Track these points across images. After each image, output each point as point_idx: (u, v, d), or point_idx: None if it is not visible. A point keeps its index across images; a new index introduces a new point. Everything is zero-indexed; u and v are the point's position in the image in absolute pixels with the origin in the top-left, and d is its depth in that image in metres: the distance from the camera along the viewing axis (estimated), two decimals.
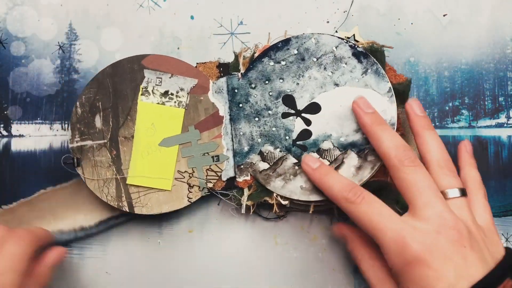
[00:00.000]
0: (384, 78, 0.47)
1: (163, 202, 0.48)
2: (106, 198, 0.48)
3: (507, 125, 0.52)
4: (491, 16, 0.52)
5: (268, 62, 0.48)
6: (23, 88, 0.52)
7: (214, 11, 0.52)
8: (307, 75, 0.48)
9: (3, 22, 0.52)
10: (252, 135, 0.48)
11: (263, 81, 0.48)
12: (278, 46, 0.48)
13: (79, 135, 0.48)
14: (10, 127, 0.51)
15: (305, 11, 0.52)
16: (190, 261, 0.51)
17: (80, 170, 0.48)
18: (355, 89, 0.47)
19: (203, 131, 0.49)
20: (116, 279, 0.51)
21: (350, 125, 0.47)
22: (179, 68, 0.49)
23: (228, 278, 0.51)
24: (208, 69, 0.50)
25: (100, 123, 0.48)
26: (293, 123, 0.48)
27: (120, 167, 0.48)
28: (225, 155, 0.49)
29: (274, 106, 0.48)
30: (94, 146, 0.48)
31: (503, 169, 0.52)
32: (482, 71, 0.52)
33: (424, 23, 0.52)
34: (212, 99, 0.49)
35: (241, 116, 0.49)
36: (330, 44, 0.48)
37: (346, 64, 0.48)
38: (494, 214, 0.51)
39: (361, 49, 0.48)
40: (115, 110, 0.48)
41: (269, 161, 0.48)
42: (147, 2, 0.52)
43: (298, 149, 0.48)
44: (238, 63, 0.50)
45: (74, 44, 0.52)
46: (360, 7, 0.52)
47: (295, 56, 0.48)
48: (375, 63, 0.47)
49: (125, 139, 0.48)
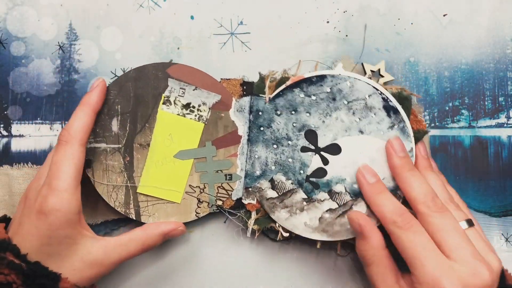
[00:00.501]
0: (409, 137, 0.47)
1: (171, 214, 0.48)
2: (114, 203, 0.48)
3: (507, 125, 0.52)
4: (491, 16, 0.52)
5: (298, 93, 0.48)
6: (23, 88, 0.52)
7: (214, 11, 0.52)
8: (334, 116, 0.48)
9: (3, 22, 0.52)
10: (266, 161, 0.48)
11: (290, 110, 0.48)
12: (312, 80, 0.48)
13: (94, 136, 0.47)
14: (10, 127, 0.51)
15: (305, 11, 0.52)
16: (190, 261, 0.51)
17: (90, 172, 0.47)
18: (378, 140, 0.47)
19: (220, 148, 0.48)
20: (116, 279, 0.51)
21: None
22: (203, 81, 0.48)
23: (229, 277, 0.51)
24: (231, 86, 0.49)
25: (116, 127, 0.47)
26: (310, 158, 0.48)
27: (131, 174, 0.47)
28: (238, 174, 0.48)
29: (295, 138, 0.48)
30: (107, 149, 0.47)
31: (503, 169, 0.52)
32: (482, 71, 0.52)
33: (424, 23, 0.52)
34: (233, 117, 0.49)
35: (259, 140, 0.48)
36: (364, 91, 0.48)
37: (375, 114, 0.47)
38: (494, 214, 0.52)
39: (392, 104, 0.47)
40: (134, 115, 0.47)
41: (278, 190, 0.48)
42: (147, 2, 0.52)
43: (310, 185, 0.48)
44: (263, 84, 0.49)
45: (74, 44, 0.52)
46: (360, 7, 0.52)
47: (326, 94, 0.48)
48: (402, 120, 0.47)
49: (141, 147, 0.47)
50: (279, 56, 0.52)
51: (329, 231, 0.47)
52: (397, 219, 0.42)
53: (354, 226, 0.45)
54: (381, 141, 0.47)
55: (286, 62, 0.51)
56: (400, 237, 0.42)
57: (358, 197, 0.47)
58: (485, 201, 0.52)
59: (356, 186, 0.47)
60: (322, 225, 0.47)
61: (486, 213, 0.52)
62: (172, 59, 0.52)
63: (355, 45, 0.52)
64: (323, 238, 0.47)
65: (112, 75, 0.52)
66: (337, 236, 0.47)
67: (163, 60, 0.52)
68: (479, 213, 0.52)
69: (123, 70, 0.51)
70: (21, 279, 0.38)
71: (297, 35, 0.52)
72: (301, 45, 0.52)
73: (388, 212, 0.43)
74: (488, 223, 0.52)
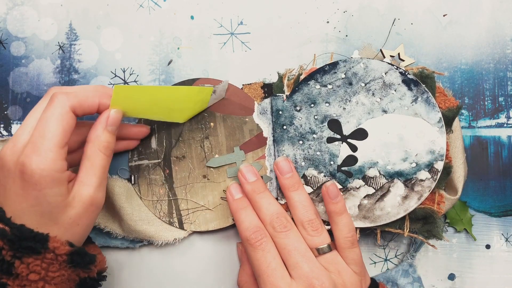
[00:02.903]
0: (435, 107, 0.46)
1: (210, 220, 0.50)
2: (159, 214, 0.49)
3: (507, 125, 0.52)
4: (491, 16, 0.52)
5: (314, 85, 0.48)
6: (23, 88, 0.52)
7: (214, 11, 0.52)
8: (354, 100, 0.47)
9: (3, 22, 0.52)
10: (295, 158, 0.48)
11: (309, 104, 0.48)
12: (325, 69, 0.48)
13: (137, 155, 0.50)
14: (10, 127, 0.51)
15: (305, 11, 0.52)
16: (190, 260, 0.51)
17: (137, 188, 0.49)
18: (404, 117, 0.47)
19: (248, 152, 0.50)
20: (116, 279, 0.51)
21: (397, 154, 0.47)
22: (226, 90, 0.50)
23: (228, 278, 0.51)
24: (253, 90, 0.50)
25: (155, 144, 0.50)
26: (338, 148, 0.48)
27: (172, 185, 0.50)
28: (268, 176, 0.49)
29: (319, 130, 0.48)
30: (149, 165, 0.50)
31: (503, 169, 0.52)
32: (482, 71, 0.52)
33: (424, 23, 0.52)
34: (256, 120, 0.50)
35: (284, 138, 0.48)
36: (379, 69, 0.47)
37: (396, 91, 0.47)
38: (494, 214, 0.52)
39: (411, 77, 0.47)
40: (168, 132, 0.50)
41: (312, 185, 0.48)
42: (147, 2, 0.52)
43: (343, 174, 0.47)
44: (282, 83, 0.49)
45: (74, 44, 0.52)
46: (360, 7, 0.52)
47: (342, 80, 0.47)
48: (425, 91, 0.46)
49: (177, 159, 0.50)
50: (279, 56, 0.52)
51: (370, 217, 0.47)
52: (250, 237, 0.44)
53: (238, 254, 0.50)
54: (406, 117, 0.47)
55: (286, 62, 0.51)
56: (250, 254, 0.44)
57: (394, 178, 0.47)
58: (485, 201, 0.52)
59: (389, 168, 0.47)
60: (362, 212, 0.47)
61: (486, 213, 0.52)
62: (172, 59, 0.52)
63: (355, 45, 0.52)
64: (365, 225, 0.47)
65: (112, 75, 0.52)
66: (379, 221, 0.47)
67: (162, 60, 0.52)
68: (479, 213, 0.52)
69: (123, 70, 0.51)
70: (7, 244, 0.38)
71: (297, 35, 0.52)
72: (301, 45, 0.52)
73: (243, 230, 0.45)
74: (488, 223, 0.52)
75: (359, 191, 0.47)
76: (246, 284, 0.48)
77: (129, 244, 0.50)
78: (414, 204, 0.46)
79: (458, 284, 0.51)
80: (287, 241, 0.44)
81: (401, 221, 0.47)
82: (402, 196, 0.47)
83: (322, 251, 0.44)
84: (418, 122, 0.47)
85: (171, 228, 0.49)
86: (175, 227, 0.49)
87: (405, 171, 0.47)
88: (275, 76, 0.51)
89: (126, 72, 0.52)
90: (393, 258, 0.51)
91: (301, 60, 0.51)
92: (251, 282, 0.47)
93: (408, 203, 0.47)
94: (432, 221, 0.47)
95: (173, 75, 0.51)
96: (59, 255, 0.39)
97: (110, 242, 0.50)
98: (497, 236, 0.52)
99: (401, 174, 0.47)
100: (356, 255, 0.45)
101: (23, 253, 0.38)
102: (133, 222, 0.48)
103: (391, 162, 0.47)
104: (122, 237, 0.49)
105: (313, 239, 0.45)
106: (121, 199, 0.48)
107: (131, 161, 0.50)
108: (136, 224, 0.48)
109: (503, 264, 0.51)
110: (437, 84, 0.48)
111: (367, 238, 0.51)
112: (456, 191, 0.48)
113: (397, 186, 0.47)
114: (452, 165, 0.48)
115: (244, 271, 0.48)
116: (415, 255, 0.50)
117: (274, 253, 0.43)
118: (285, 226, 0.44)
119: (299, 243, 0.44)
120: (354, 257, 0.45)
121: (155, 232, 0.49)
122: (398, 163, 0.47)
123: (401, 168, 0.47)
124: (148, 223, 0.49)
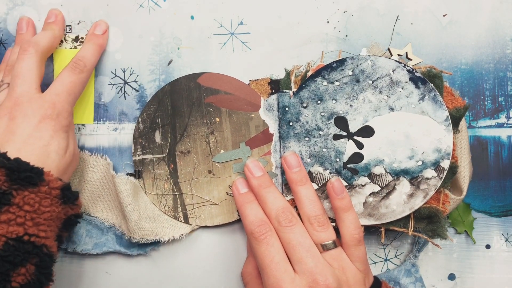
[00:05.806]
0: (442, 106, 0.46)
1: (215, 215, 0.50)
2: (164, 208, 0.49)
3: (507, 125, 0.52)
4: (491, 16, 0.52)
5: (321, 82, 0.48)
6: None
7: (214, 11, 0.52)
8: (361, 98, 0.47)
9: (4, 23, 0.52)
10: (301, 155, 0.48)
11: (315, 101, 0.48)
12: (333, 66, 0.48)
13: (141, 149, 0.50)
14: None
15: (305, 11, 0.52)
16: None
17: (141, 182, 0.50)
18: (410, 115, 0.47)
19: (254, 148, 0.50)
20: (116, 279, 0.51)
21: (404, 152, 0.47)
22: (232, 85, 0.50)
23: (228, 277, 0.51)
24: (260, 86, 0.50)
25: (159, 138, 0.50)
26: (344, 145, 0.48)
27: (177, 180, 0.50)
28: (274, 172, 0.49)
29: (326, 127, 0.48)
30: (154, 159, 0.50)
31: (503, 169, 0.52)
32: (482, 71, 0.52)
33: (424, 23, 0.52)
34: (263, 116, 0.50)
35: (290, 135, 0.48)
36: (387, 67, 0.47)
37: (403, 88, 0.47)
38: (494, 214, 0.52)
39: (419, 75, 0.47)
40: (173, 126, 0.50)
41: (318, 182, 0.48)
42: (147, 2, 0.52)
43: (349, 172, 0.47)
44: (289, 80, 0.49)
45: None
46: (360, 7, 0.52)
47: (349, 78, 0.47)
48: (433, 89, 0.46)
49: (182, 154, 0.50)
50: (279, 56, 0.52)
51: (375, 214, 0.47)
52: (254, 230, 0.44)
53: (247, 247, 0.50)
54: (413, 115, 0.47)
55: (286, 62, 0.51)
56: (254, 247, 0.44)
57: (400, 176, 0.47)
58: (485, 201, 0.52)
59: (395, 166, 0.47)
60: (367, 210, 0.47)
61: (486, 213, 0.52)
62: (172, 59, 0.52)
63: (355, 45, 0.52)
64: (370, 223, 0.47)
65: (112, 75, 0.52)
66: (384, 218, 0.47)
67: (162, 60, 0.52)
68: (479, 213, 0.52)
69: (123, 70, 0.52)
70: (4, 174, 0.39)
71: (297, 35, 0.52)
72: (301, 45, 0.52)
73: (248, 223, 0.45)
74: (488, 223, 0.52)
75: (364, 188, 0.47)
76: (249, 276, 0.48)
77: (139, 250, 0.50)
78: (420, 202, 0.46)
79: (458, 284, 0.51)
80: (292, 235, 0.44)
81: (405, 220, 0.47)
82: (408, 194, 0.47)
83: (327, 247, 0.44)
84: (425, 120, 0.47)
85: (177, 225, 0.49)
86: (180, 221, 0.49)
87: (411, 169, 0.47)
88: (275, 76, 0.51)
89: (126, 72, 0.52)
90: (393, 258, 0.51)
91: (301, 60, 0.51)
92: (254, 275, 0.47)
93: (413, 201, 0.47)
94: (436, 220, 0.47)
95: (173, 75, 0.51)
96: (53, 188, 0.41)
97: (120, 249, 0.50)
98: (497, 236, 0.52)
99: (407, 172, 0.47)
100: (362, 252, 0.45)
101: (19, 184, 0.39)
102: (140, 219, 0.48)
103: (397, 160, 0.47)
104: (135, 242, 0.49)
105: (319, 235, 0.45)
106: (128, 197, 0.48)
107: (134, 155, 0.50)
108: (143, 221, 0.48)
109: (503, 264, 0.51)
110: (445, 83, 0.48)
111: (367, 238, 0.51)
112: (461, 192, 0.48)
113: (402, 184, 0.47)
114: (458, 165, 0.47)
115: (250, 263, 0.48)
116: (418, 255, 0.50)
117: (278, 247, 0.44)
118: (291, 221, 0.44)
119: (304, 238, 0.44)
120: (359, 255, 0.45)
121: (161, 230, 0.49)
122: (404, 161, 0.47)
123: (407, 166, 0.47)
124: (154, 221, 0.49)
